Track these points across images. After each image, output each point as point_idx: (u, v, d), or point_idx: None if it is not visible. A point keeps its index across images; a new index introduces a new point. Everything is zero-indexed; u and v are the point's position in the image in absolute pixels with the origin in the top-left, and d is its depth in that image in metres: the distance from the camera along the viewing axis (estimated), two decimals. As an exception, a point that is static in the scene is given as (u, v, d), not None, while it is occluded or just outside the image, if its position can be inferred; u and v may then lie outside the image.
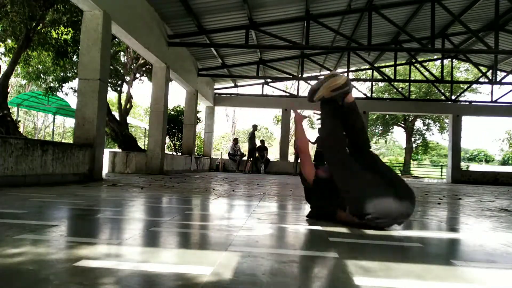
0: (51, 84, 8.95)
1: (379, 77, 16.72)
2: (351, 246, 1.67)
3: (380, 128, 27.11)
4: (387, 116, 25.13)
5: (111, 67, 9.12)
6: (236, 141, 15.26)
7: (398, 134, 69.60)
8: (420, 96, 22.34)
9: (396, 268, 1.31)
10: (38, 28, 6.93)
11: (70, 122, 34.67)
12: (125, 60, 10.50)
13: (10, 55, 7.47)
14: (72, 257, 1.25)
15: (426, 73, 16.15)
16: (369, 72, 19.45)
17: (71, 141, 9.14)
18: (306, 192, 2.48)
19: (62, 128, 34.36)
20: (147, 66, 10.36)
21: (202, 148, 15.36)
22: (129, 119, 11.97)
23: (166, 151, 10.88)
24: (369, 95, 15.99)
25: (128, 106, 10.46)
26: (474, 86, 21.90)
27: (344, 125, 2.25)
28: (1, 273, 1.06)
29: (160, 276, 1.10)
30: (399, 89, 17.07)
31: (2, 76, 6.76)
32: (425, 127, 26.48)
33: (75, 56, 7.96)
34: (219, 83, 15.16)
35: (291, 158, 17.12)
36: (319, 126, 2.35)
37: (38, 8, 6.38)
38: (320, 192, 2.28)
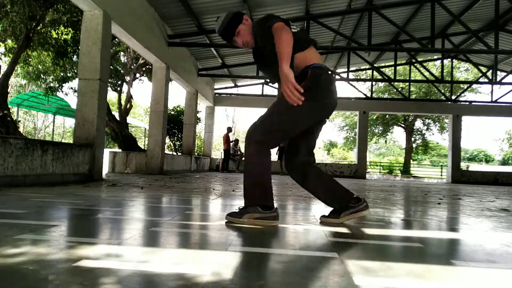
0: (51, 84, 8.96)
1: (379, 77, 16.72)
2: (351, 246, 1.67)
3: (380, 128, 27.10)
4: (387, 116, 25.11)
5: (111, 67, 9.13)
6: (236, 141, 15.26)
7: (398, 134, 69.46)
8: (420, 96, 22.34)
9: (396, 268, 1.31)
10: (38, 28, 6.93)
11: (70, 122, 34.69)
12: (125, 60, 10.50)
13: (10, 55, 7.47)
14: (72, 257, 1.25)
15: (426, 73, 16.15)
16: (369, 72, 19.45)
17: (71, 141, 9.14)
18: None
19: (62, 128, 34.37)
20: (147, 66, 10.36)
21: (202, 148, 15.37)
22: (129, 119, 11.98)
23: (166, 151, 10.88)
24: (369, 95, 15.99)
25: (128, 106, 10.46)
26: (474, 86, 21.90)
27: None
28: (1, 273, 1.06)
29: (160, 276, 1.10)
30: (399, 89, 17.06)
31: (2, 76, 6.76)
32: (425, 127, 26.48)
33: (75, 56, 7.97)
34: (219, 83, 15.15)
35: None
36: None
37: (38, 8, 6.38)
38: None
